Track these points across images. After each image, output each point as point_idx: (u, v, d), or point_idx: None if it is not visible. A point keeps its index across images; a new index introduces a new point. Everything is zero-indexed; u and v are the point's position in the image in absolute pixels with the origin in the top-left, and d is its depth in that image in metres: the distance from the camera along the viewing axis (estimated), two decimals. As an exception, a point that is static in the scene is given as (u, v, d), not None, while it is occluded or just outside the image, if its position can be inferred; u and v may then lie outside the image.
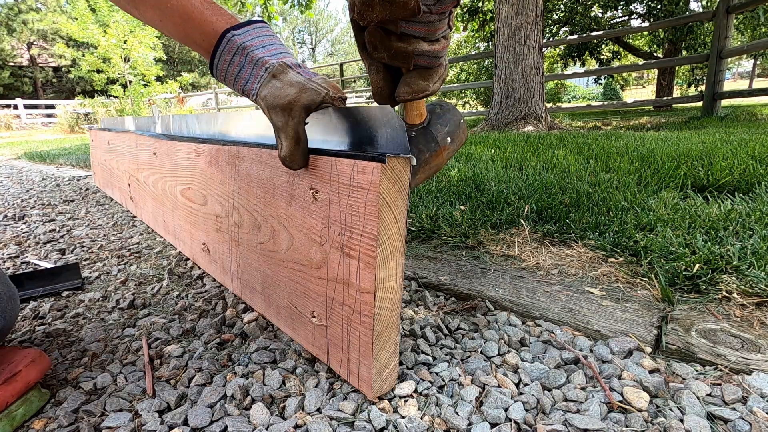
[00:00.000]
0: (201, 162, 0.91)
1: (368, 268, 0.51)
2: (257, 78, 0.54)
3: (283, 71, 0.53)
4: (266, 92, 0.53)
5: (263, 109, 0.55)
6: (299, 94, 0.51)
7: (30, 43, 19.67)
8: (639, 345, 0.66)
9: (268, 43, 0.55)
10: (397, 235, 0.51)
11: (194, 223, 1.03)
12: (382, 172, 0.47)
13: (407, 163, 0.49)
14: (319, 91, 0.52)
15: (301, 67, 0.55)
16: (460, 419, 0.52)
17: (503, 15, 4.37)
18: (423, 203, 1.44)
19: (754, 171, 1.46)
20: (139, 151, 1.42)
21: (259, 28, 0.56)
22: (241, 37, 0.54)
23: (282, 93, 0.52)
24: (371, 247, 0.50)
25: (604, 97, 17.35)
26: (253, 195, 0.73)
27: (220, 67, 0.56)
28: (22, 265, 1.22)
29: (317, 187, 0.57)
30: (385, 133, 0.50)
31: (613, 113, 7.46)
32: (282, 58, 0.55)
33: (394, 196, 0.49)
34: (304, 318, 0.66)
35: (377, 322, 0.53)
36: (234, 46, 0.54)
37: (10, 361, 0.57)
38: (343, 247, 0.54)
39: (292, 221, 0.64)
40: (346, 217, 0.53)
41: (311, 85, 0.52)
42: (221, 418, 0.55)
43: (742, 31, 7.73)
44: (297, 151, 0.54)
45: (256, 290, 0.80)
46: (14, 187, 2.63)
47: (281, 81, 0.52)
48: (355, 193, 0.51)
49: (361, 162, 0.50)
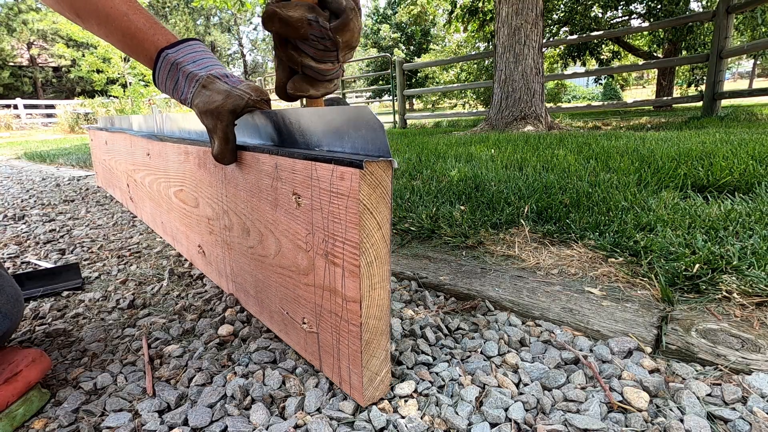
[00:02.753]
0: (190, 164, 0.90)
1: (352, 276, 0.50)
2: (190, 89, 0.63)
3: (211, 82, 0.61)
4: (198, 100, 0.62)
5: (197, 115, 0.64)
6: (225, 100, 0.60)
7: (30, 43, 19.67)
8: (639, 345, 0.66)
9: (198, 58, 0.64)
10: (382, 241, 0.50)
11: (189, 225, 1.03)
12: (362, 178, 0.45)
13: (388, 166, 0.47)
14: (243, 96, 0.60)
15: (229, 77, 0.63)
16: (460, 419, 0.52)
17: (503, 15, 4.37)
18: (423, 203, 1.44)
19: (754, 171, 1.46)
20: (134, 152, 1.41)
21: (191, 45, 0.65)
22: (175, 55, 0.63)
23: (211, 100, 0.60)
24: (354, 256, 0.49)
25: (604, 97, 17.36)
26: (240, 199, 0.72)
27: (160, 80, 0.65)
28: (22, 265, 1.22)
29: (299, 192, 0.56)
30: (364, 135, 0.48)
31: (613, 113, 7.46)
32: (210, 70, 0.63)
33: (375, 201, 0.48)
34: (296, 324, 0.65)
35: (365, 330, 0.52)
36: (169, 63, 0.63)
37: (11, 361, 0.57)
38: (328, 255, 0.53)
39: (278, 226, 0.63)
40: (329, 224, 0.52)
41: (236, 91, 0.60)
42: (221, 418, 0.55)
43: (742, 31, 7.73)
44: (227, 149, 0.64)
45: (250, 294, 0.80)
46: (14, 187, 2.63)
47: (210, 90, 0.61)
48: (336, 200, 0.50)
49: (339, 167, 0.48)
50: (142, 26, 0.63)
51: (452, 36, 16.54)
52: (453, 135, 4.22)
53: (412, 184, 1.71)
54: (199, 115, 0.63)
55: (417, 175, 1.91)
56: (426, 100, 17.53)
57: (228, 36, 31.89)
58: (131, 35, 0.63)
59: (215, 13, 29.13)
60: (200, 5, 7.01)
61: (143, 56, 0.65)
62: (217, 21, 30.40)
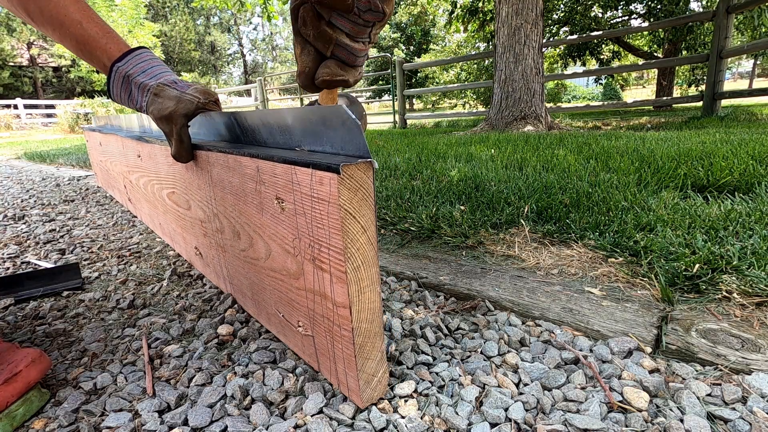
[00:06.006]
0: (179, 166, 0.89)
1: (340, 282, 0.49)
2: (143, 98, 0.68)
3: (161, 90, 0.67)
4: (152, 108, 0.67)
5: (154, 120, 0.69)
6: (177, 105, 0.65)
7: (30, 43, 19.66)
8: (639, 345, 0.66)
9: (147, 68, 0.69)
10: (368, 244, 0.49)
11: (185, 227, 1.02)
12: (341, 183, 0.44)
13: (368, 167, 0.46)
14: (193, 101, 0.66)
15: (177, 83, 0.68)
16: (460, 419, 0.52)
17: (503, 15, 4.37)
18: (423, 203, 1.44)
19: (754, 171, 1.46)
20: (126, 153, 1.39)
21: (139, 55, 0.70)
22: (125, 67, 0.68)
23: (164, 107, 0.66)
24: (340, 262, 0.48)
25: (604, 97, 17.36)
26: (228, 202, 0.71)
27: (114, 93, 0.71)
28: (22, 265, 1.22)
29: (282, 197, 0.55)
30: (341, 136, 0.47)
31: (613, 113, 7.46)
32: (159, 78, 0.68)
33: (357, 205, 0.46)
34: (291, 327, 0.65)
35: (357, 334, 0.51)
36: (121, 76, 0.68)
37: (11, 360, 0.57)
38: (315, 260, 0.52)
39: (265, 230, 0.62)
40: (313, 229, 0.51)
41: (186, 96, 0.66)
42: (221, 418, 0.55)
43: (742, 31, 7.72)
44: (182, 148, 0.71)
45: (247, 295, 0.79)
46: (14, 187, 2.63)
47: (162, 97, 0.66)
48: (318, 205, 0.48)
49: (318, 172, 0.46)
50: (95, 34, 0.67)
51: (452, 36, 16.55)
52: (453, 135, 4.22)
53: (412, 184, 1.71)
54: (155, 120, 0.68)
55: (417, 175, 1.91)
56: (426, 100, 17.53)
57: (228, 36, 31.89)
58: (84, 42, 0.67)
59: (215, 13, 29.12)
60: (200, 5, 7.02)
61: (96, 63, 0.70)
62: (217, 21, 30.40)
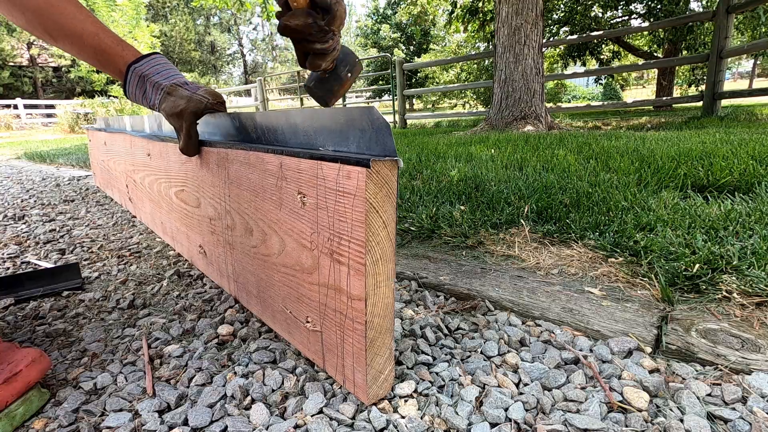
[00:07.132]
0: (192, 164, 0.90)
1: (358, 274, 0.50)
2: (157, 96, 0.74)
3: (174, 89, 0.73)
4: (165, 105, 0.74)
5: (165, 117, 0.76)
6: (187, 103, 0.73)
7: (30, 43, 19.65)
8: (639, 345, 0.66)
9: (162, 69, 0.76)
10: (387, 240, 0.50)
11: (190, 226, 1.03)
12: (368, 177, 0.46)
13: (394, 165, 0.48)
14: (202, 101, 0.73)
15: (188, 84, 0.75)
16: (460, 419, 0.52)
17: (503, 15, 4.37)
18: (423, 203, 1.44)
19: (754, 171, 1.46)
20: (134, 152, 1.40)
21: (155, 59, 0.77)
22: (141, 68, 0.74)
23: (176, 105, 0.73)
24: (360, 254, 0.49)
25: (604, 97, 17.35)
26: (244, 198, 0.72)
27: (130, 91, 0.77)
28: (22, 265, 1.22)
29: (305, 192, 0.56)
30: (370, 135, 0.49)
31: (613, 113, 7.46)
32: (172, 80, 0.75)
33: (381, 200, 0.48)
34: (299, 323, 0.66)
35: (369, 328, 0.52)
36: (137, 75, 0.74)
37: (11, 360, 0.57)
38: (333, 253, 0.53)
39: (281, 225, 0.63)
40: (334, 222, 0.52)
41: (196, 96, 0.73)
42: (221, 418, 0.55)
43: (742, 31, 7.72)
44: (190, 143, 0.79)
45: (252, 293, 0.80)
46: (14, 187, 2.63)
47: (174, 96, 0.73)
48: (342, 199, 0.50)
49: (346, 167, 0.48)
50: (111, 43, 0.74)
51: (452, 36, 16.54)
52: (453, 135, 4.22)
53: (412, 184, 1.71)
54: (166, 117, 0.75)
55: (417, 175, 1.91)
56: (426, 100, 17.52)
57: (228, 36, 31.87)
58: (102, 51, 0.74)
59: (215, 13, 29.11)
60: (200, 5, 7.02)
61: (112, 69, 0.76)
62: (217, 21, 30.39)
